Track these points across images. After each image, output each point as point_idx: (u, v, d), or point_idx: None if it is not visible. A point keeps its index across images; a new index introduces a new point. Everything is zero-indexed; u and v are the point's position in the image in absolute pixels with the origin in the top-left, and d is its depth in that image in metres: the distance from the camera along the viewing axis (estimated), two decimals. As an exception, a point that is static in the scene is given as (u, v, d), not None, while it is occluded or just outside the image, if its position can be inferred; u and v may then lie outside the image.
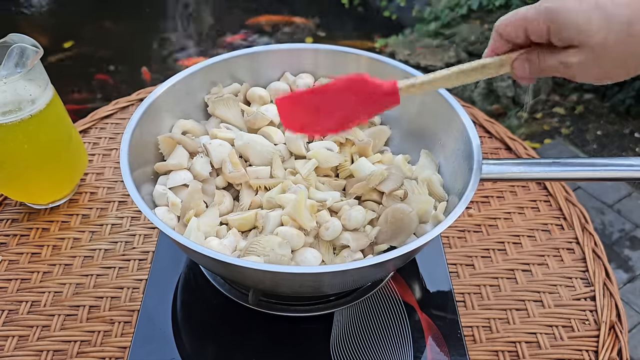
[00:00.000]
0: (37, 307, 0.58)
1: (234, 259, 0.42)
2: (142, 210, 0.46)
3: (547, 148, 1.86)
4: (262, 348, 0.54)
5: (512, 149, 0.79)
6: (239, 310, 0.56)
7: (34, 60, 0.57)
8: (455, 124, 0.56)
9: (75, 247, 0.64)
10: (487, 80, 1.93)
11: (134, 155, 0.52)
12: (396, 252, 0.44)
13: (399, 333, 0.56)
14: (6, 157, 0.60)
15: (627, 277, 1.45)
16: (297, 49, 0.65)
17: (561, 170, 0.51)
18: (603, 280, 0.62)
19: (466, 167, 0.52)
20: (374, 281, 0.58)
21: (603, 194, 1.67)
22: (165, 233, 0.44)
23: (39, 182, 0.65)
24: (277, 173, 0.56)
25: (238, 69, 0.64)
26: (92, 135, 0.80)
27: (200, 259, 0.49)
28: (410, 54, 2.05)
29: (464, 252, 0.65)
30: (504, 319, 0.59)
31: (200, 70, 0.61)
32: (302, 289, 0.50)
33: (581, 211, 0.70)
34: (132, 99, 0.85)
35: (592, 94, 2.07)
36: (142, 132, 0.55)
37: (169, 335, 0.55)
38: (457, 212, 0.46)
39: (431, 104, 0.59)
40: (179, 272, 0.61)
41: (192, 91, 0.61)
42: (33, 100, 0.59)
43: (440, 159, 0.59)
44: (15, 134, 0.58)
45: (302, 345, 0.55)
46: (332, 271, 0.43)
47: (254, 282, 0.50)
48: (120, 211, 0.69)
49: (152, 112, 0.56)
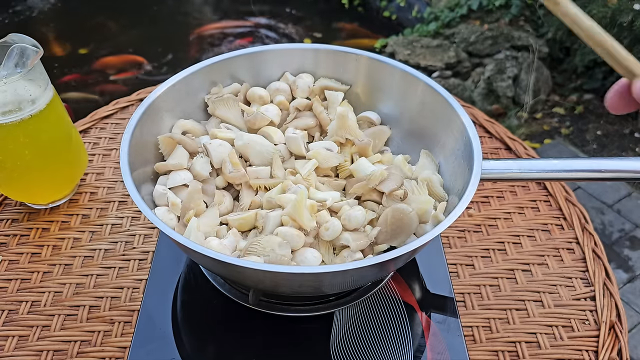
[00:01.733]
0: (37, 307, 0.58)
1: (234, 259, 0.42)
2: (142, 210, 0.46)
3: (547, 148, 1.86)
4: (262, 348, 0.54)
5: (512, 149, 0.79)
6: (239, 310, 0.56)
7: (34, 60, 0.57)
8: (455, 124, 0.56)
9: (75, 247, 0.64)
10: (487, 80, 1.93)
11: (134, 155, 0.52)
12: (396, 252, 0.44)
13: (399, 333, 0.56)
14: (6, 157, 0.60)
15: (627, 277, 1.45)
16: (297, 49, 0.65)
17: (561, 170, 0.51)
18: (603, 280, 0.62)
19: (466, 167, 0.52)
20: (374, 281, 0.58)
21: (603, 194, 1.67)
22: (165, 233, 0.44)
23: (39, 182, 0.65)
24: (277, 173, 0.56)
25: (238, 69, 0.64)
26: (92, 135, 0.80)
27: (200, 259, 0.49)
28: (410, 54, 2.05)
29: (464, 252, 0.65)
30: (504, 319, 0.59)
31: (200, 70, 0.61)
32: (302, 289, 0.50)
33: (581, 211, 0.70)
34: (132, 99, 0.85)
35: (592, 94, 2.07)
36: (142, 132, 0.55)
37: (169, 335, 0.55)
38: (457, 212, 0.46)
39: (431, 104, 0.59)
40: (179, 272, 0.61)
41: (192, 91, 0.61)
42: (33, 100, 0.59)
43: (440, 159, 0.59)
44: (16, 134, 0.58)
45: (302, 345, 0.55)
46: (332, 271, 0.43)
47: (254, 282, 0.50)
48: (120, 211, 0.69)
49: (152, 112, 0.56)
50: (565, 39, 1.93)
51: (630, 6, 1.48)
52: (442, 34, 2.16)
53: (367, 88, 0.64)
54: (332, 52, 0.64)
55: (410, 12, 2.44)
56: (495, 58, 2.01)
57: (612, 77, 2.00)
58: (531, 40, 2.04)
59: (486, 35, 2.05)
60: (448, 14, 2.20)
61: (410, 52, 2.05)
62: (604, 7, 1.53)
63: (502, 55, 2.01)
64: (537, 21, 2.16)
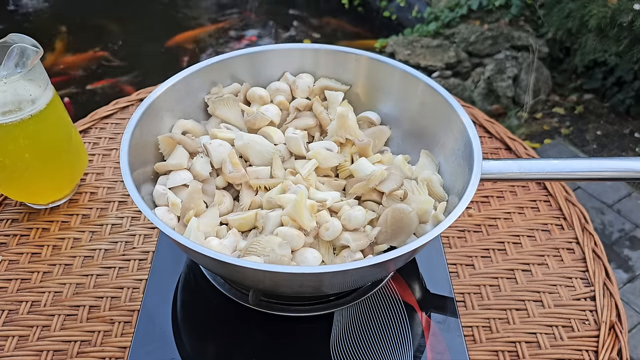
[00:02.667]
0: (37, 307, 0.58)
1: (234, 259, 0.42)
2: (142, 210, 0.46)
3: (547, 148, 1.86)
4: (262, 348, 0.54)
5: (512, 149, 0.79)
6: (239, 310, 0.56)
7: (34, 60, 0.57)
8: (456, 124, 0.56)
9: (75, 247, 0.64)
10: (487, 80, 1.93)
11: (134, 155, 0.52)
12: (396, 252, 0.44)
13: (399, 333, 0.56)
14: (6, 157, 0.60)
15: (627, 277, 1.45)
16: (297, 49, 0.65)
17: (561, 170, 0.52)
18: (603, 280, 0.62)
19: (466, 167, 0.52)
20: (374, 281, 0.58)
21: (603, 194, 1.67)
22: (165, 233, 0.44)
23: (39, 182, 0.65)
24: (277, 173, 0.56)
25: (238, 69, 0.64)
26: (92, 135, 0.80)
27: (201, 259, 0.49)
28: (410, 54, 2.05)
29: (464, 252, 0.65)
30: (504, 319, 0.59)
31: (201, 70, 0.61)
32: (302, 289, 0.50)
33: (581, 211, 0.70)
34: (132, 99, 0.85)
35: (592, 94, 2.07)
36: (142, 132, 0.55)
37: (169, 335, 0.55)
38: (457, 212, 0.46)
39: (431, 104, 0.59)
40: (179, 272, 0.61)
41: (192, 91, 0.61)
42: (33, 100, 0.59)
43: (440, 159, 0.59)
44: (16, 134, 0.58)
45: (302, 345, 0.55)
46: (332, 271, 0.43)
47: (254, 282, 0.50)
48: (120, 211, 0.69)
49: (152, 112, 0.56)
50: (565, 39, 1.93)
51: (630, 6, 1.48)
52: (442, 34, 2.16)
53: (367, 88, 0.64)
54: (332, 52, 0.64)
55: (410, 12, 2.44)
56: (495, 58, 2.01)
57: (612, 78, 2.00)
58: (531, 40, 2.03)
59: (486, 35, 2.05)
60: (448, 14, 2.20)
61: (410, 52, 2.05)
62: (603, 7, 1.53)
63: (502, 55, 2.01)
64: (537, 21, 2.16)
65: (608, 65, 2.01)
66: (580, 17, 1.63)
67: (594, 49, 1.70)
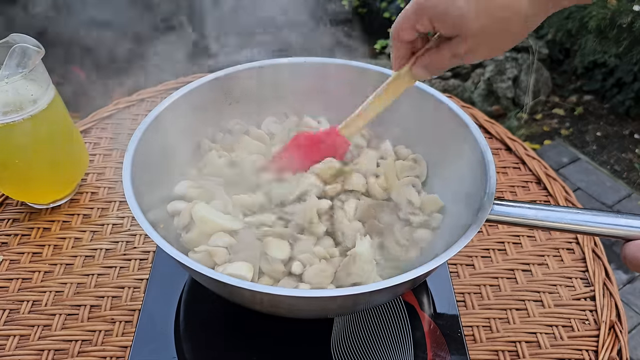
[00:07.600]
0: (38, 306, 0.58)
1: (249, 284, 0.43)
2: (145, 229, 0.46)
3: (547, 149, 1.86)
4: (262, 348, 0.54)
5: (512, 149, 0.79)
6: (240, 310, 0.56)
7: (36, 60, 0.57)
8: (477, 171, 0.53)
9: (76, 246, 0.65)
10: (487, 81, 1.93)
11: (137, 172, 0.51)
12: (402, 277, 0.43)
13: (400, 333, 0.56)
14: (7, 157, 0.60)
15: (627, 278, 1.45)
16: (308, 63, 0.64)
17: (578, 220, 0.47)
18: (603, 280, 0.63)
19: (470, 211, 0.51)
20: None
21: (603, 194, 1.67)
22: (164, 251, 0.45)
23: (40, 182, 0.65)
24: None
25: (245, 82, 0.63)
26: (93, 136, 0.80)
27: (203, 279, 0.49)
28: (410, 55, 2.05)
29: (464, 252, 0.65)
30: (504, 318, 0.59)
31: (207, 83, 0.61)
32: (301, 312, 0.50)
33: (581, 211, 0.70)
34: (132, 100, 0.85)
35: (592, 96, 2.07)
36: (146, 145, 0.54)
37: (170, 335, 0.55)
38: (460, 244, 0.45)
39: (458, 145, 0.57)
40: (180, 271, 0.61)
41: (198, 105, 0.61)
42: (34, 100, 0.59)
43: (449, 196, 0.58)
44: (17, 134, 0.59)
45: (303, 345, 0.55)
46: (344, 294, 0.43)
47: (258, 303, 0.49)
48: (121, 211, 0.69)
49: (156, 127, 0.56)
50: (565, 40, 1.93)
51: (630, 7, 1.48)
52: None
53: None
54: (346, 67, 0.64)
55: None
56: (495, 59, 2.01)
57: (612, 79, 2.01)
58: (531, 42, 2.04)
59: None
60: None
61: (410, 53, 2.05)
62: (603, 8, 1.53)
63: (502, 56, 2.02)
64: (536, 22, 2.16)
65: (608, 67, 2.02)
66: (580, 18, 1.63)
67: (594, 50, 1.70)
